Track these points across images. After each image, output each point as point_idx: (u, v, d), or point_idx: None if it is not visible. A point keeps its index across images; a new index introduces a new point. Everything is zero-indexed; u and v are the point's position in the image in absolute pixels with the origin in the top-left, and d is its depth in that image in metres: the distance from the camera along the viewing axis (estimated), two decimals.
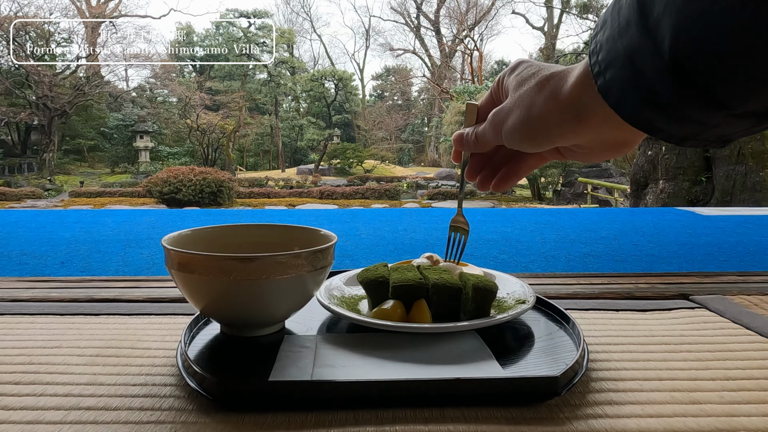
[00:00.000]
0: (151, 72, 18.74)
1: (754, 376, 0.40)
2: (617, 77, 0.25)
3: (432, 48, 24.11)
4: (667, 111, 0.24)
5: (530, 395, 0.36)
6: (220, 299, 0.43)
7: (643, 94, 0.24)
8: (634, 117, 0.26)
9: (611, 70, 0.25)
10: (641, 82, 0.24)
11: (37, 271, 1.93)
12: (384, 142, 23.28)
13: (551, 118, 0.31)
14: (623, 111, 0.26)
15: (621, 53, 0.25)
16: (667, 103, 0.24)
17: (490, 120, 0.36)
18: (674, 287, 0.66)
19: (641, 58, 0.23)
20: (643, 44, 0.23)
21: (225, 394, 0.36)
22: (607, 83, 0.26)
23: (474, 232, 2.83)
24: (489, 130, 0.36)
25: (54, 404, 0.36)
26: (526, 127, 0.33)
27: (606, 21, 0.26)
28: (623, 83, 0.25)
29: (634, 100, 0.25)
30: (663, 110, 0.24)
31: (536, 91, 0.31)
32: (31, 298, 0.62)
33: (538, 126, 0.32)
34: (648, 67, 0.23)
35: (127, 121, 17.91)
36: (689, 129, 0.25)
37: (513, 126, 0.33)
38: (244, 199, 10.23)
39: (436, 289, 0.46)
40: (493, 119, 0.36)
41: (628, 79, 0.25)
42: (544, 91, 0.31)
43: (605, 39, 0.26)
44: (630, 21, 0.24)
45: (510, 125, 0.34)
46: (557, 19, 21.32)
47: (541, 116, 0.31)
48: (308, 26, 26.92)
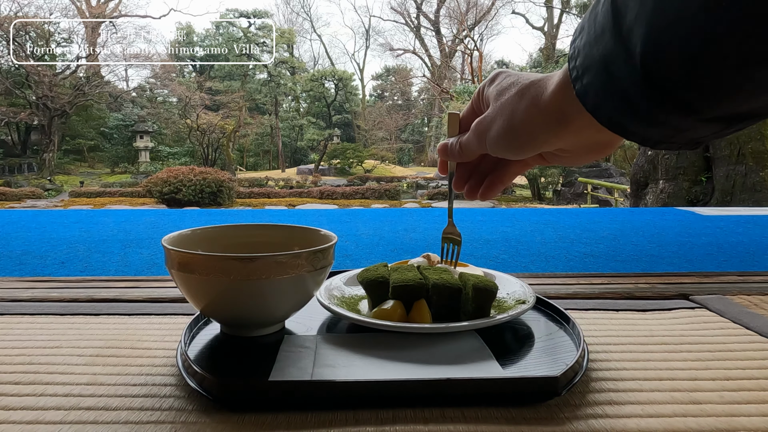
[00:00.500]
0: (151, 72, 18.74)
1: (754, 376, 0.40)
2: (593, 82, 0.26)
3: (432, 48, 24.12)
4: (640, 115, 0.25)
5: (530, 395, 0.36)
6: (220, 299, 0.43)
7: (617, 100, 0.25)
8: (610, 121, 0.26)
9: (588, 76, 0.26)
10: (616, 87, 0.25)
11: (37, 271, 1.93)
12: (384, 142, 23.28)
13: (534, 124, 0.32)
14: (600, 115, 0.27)
15: (597, 59, 0.25)
16: (640, 108, 0.24)
17: (473, 129, 0.37)
18: (674, 287, 0.66)
19: (615, 64, 0.24)
20: (617, 52, 0.24)
21: (225, 394, 0.36)
22: (584, 88, 0.27)
23: (474, 232, 2.82)
24: (473, 139, 0.37)
25: (54, 404, 0.36)
26: (509, 134, 0.33)
27: (584, 27, 0.27)
28: (599, 88, 0.26)
29: (609, 105, 0.26)
30: (636, 115, 0.25)
31: (517, 99, 0.32)
32: (31, 298, 0.62)
33: (521, 133, 0.33)
34: (621, 74, 0.24)
35: (127, 121, 17.92)
36: (662, 133, 0.25)
37: (497, 134, 0.34)
38: (244, 199, 10.23)
39: (436, 289, 0.46)
40: (476, 128, 0.36)
41: (604, 85, 0.25)
42: (524, 99, 0.32)
43: (582, 45, 0.27)
44: (605, 28, 0.24)
45: (494, 133, 0.34)
46: (557, 19, 21.34)
47: (524, 123, 0.32)
48: (308, 26, 26.93)
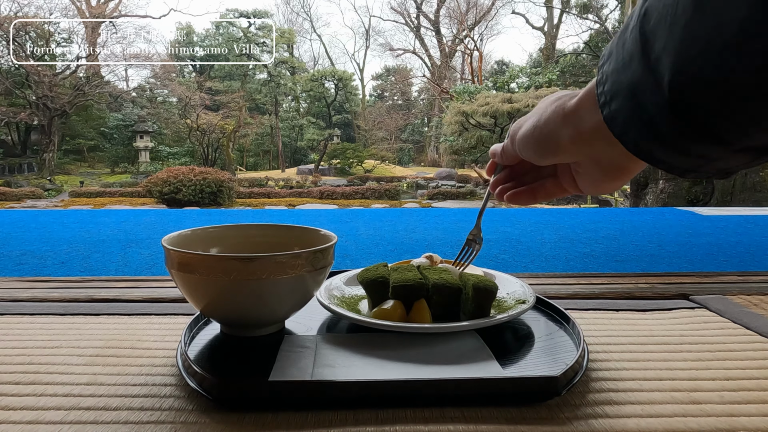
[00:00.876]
0: (151, 72, 18.74)
1: (754, 376, 0.40)
2: (621, 109, 0.26)
3: (432, 48, 24.12)
4: (668, 144, 0.25)
5: (530, 395, 0.36)
6: (220, 299, 0.43)
7: (645, 127, 0.25)
8: (637, 147, 0.26)
9: (615, 102, 0.26)
10: (643, 115, 0.25)
11: (37, 271, 1.93)
12: (384, 142, 23.28)
13: (554, 124, 0.32)
14: (627, 141, 0.27)
15: (624, 86, 0.25)
16: (668, 137, 0.24)
17: (510, 131, 0.39)
18: (674, 287, 0.66)
19: (643, 92, 0.24)
20: (645, 79, 0.24)
21: (225, 394, 0.36)
22: (612, 114, 0.27)
23: None
24: (508, 140, 0.39)
25: (54, 404, 0.36)
26: (533, 133, 0.35)
27: (612, 53, 0.27)
28: (626, 115, 0.26)
29: (636, 132, 0.26)
30: (664, 143, 0.25)
31: (548, 105, 0.34)
32: (31, 298, 0.62)
33: (542, 132, 0.34)
34: (649, 102, 0.24)
35: (127, 121, 17.91)
36: (690, 162, 0.25)
37: (523, 133, 0.36)
38: (244, 199, 10.23)
39: (436, 289, 0.46)
40: (512, 130, 0.38)
41: (631, 112, 0.25)
42: (553, 104, 0.33)
43: (611, 71, 0.27)
44: (633, 56, 0.24)
45: (522, 132, 0.36)
46: (557, 19, 21.33)
47: (547, 123, 0.33)
48: (308, 26, 26.93)
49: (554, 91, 0.41)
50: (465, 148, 10.69)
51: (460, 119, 10.45)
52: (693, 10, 0.21)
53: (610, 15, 20.06)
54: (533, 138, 0.35)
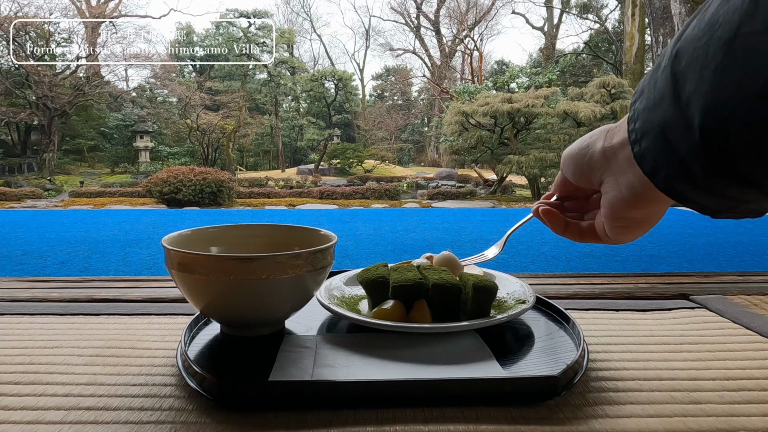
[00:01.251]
0: (151, 72, 18.73)
1: (754, 376, 0.40)
2: (651, 148, 0.26)
3: (432, 48, 24.11)
4: (699, 185, 0.25)
5: (530, 395, 0.36)
6: (220, 299, 0.43)
7: (675, 167, 0.25)
8: (668, 186, 0.26)
9: (646, 140, 0.26)
10: (674, 155, 0.25)
11: (37, 271, 1.93)
12: (384, 142, 23.27)
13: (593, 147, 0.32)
14: (658, 180, 0.27)
15: (655, 125, 0.25)
16: (698, 178, 0.24)
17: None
18: (674, 287, 0.66)
19: (673, 132, 0.24)
20: (676, 120, 0.24)
21: (225, 394, 0.36)
22: (642, 152, 0.27)
23: (474, 232, 2.82)
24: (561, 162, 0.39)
25: (54, 404, 0.36)
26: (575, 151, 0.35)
27: (643, 90, 0.27)
28: (657, 154, 0.26)
29: (667, 172, 0.26)
30: (694, 183, 0.25)
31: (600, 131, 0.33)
32: (31, 298, 0.62)
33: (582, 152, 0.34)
34: (680, 142, 0.24)
35: (127, 121, 17.90)
36: (722, 203, 0.25)
37: (569, 147, 0.36)
38: (244, 199, 10.23)
39: (436, 289, 0.46)
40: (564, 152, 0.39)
41: (662, 151, 0.25)
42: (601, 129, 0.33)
43: (642, 108, 0.27)
44: (664, 95, 0.24)
45: (568, 148, 0.36)
46: (557, 19, 21.33)
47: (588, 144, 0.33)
48: (308, 26, 26.93)
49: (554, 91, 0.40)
50: (465, 148, 10.68)
51: (460, 119, 10.44)
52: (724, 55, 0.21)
53: (610, 15, 20.07)
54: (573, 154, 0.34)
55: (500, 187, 11.20)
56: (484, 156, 10.90)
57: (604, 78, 10.46)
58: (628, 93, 10.01)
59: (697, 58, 0.22)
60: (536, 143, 10.29)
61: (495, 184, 11.36)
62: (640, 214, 0.31)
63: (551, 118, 10.18)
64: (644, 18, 10.39)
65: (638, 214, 0.32)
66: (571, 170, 0.35)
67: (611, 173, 0.31)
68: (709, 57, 0.22)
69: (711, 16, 0.22)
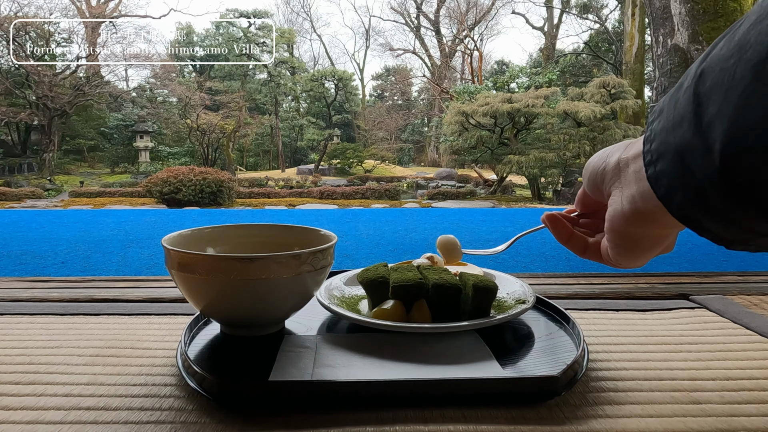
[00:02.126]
0: (151, 72, 18.74)
1: (754, 376, 0.40)
2: (667, 171, 0.25)
3: (432, 48, 24.11)
4: (715, 213, 0.24)
5: (530, 395, 0.36)
6: (220, 299, 0.43)
7: (691, 193, 0.24)
8: (682, 213, 0.25)
9: (661, 163, 0.25)
10: (690, 181, 0.23)
11: (37, 271, 1.93)
12: (384, 142, 23.26)
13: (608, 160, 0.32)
14: (671, 205, 0.25)
15: (672, 148, 0.24)
16: (715, 206, 0.23)
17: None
18: (674, 287, 0.66)
19: (692, 157, 0.23)
20: (695, 144, 0.23)
21: (225, 394, 0.36)
22: (656, 174, 0.26)
23: (474, 232, 2.82)
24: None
25: (54, 404, 0.36)
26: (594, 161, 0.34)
27: (662, 110, 0.26)
28: (672, 178, 0.25)
29: (682, 197, 0.24)
30: (710, 211, 0.24)
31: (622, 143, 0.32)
32: (31, 298, 0.62)
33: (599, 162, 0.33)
34: (698, 168, 0.23)
35: (127, 121, 17.90)
36: (738, 234, 0.24)
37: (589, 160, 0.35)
38: (244, 199, 10.23)
39: (436, 289, 0.46)
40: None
41: (678, 176, 0.24)
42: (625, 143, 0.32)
43: (659, 129, 0.25)
44: (684, 117, 0.23)
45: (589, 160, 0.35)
46: (557, 19, 21.33)
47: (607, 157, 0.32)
48: (308, 26, 26.92)
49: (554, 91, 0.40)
50: (465, 148, 10.69)
51: (460, 119, 10.44)
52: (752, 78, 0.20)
53: (610, 15, 20.07)
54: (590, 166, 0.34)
55: (500, 187, 11.20)
56: (484, 156, 10.90)
57: (604, 78, 10.47)
58: (628, 93, 10.02)
59: (723, 79, 0.21)
60: (536, 143, 10.30)
61: (495, 184, 11.36)
62: (637, 232, 0.30)
63: (551, 118, 10.19)
64: (644, 18, 10.40)
65: (636, 233, 0.30)
66: (586, 179, 0.35)
67: (618, 185, 0.30)
68: (737, 79, 0.21)
69: (741, 36, 0.21)
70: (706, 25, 5.92)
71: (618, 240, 0.32)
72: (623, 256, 0.32)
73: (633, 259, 0.33)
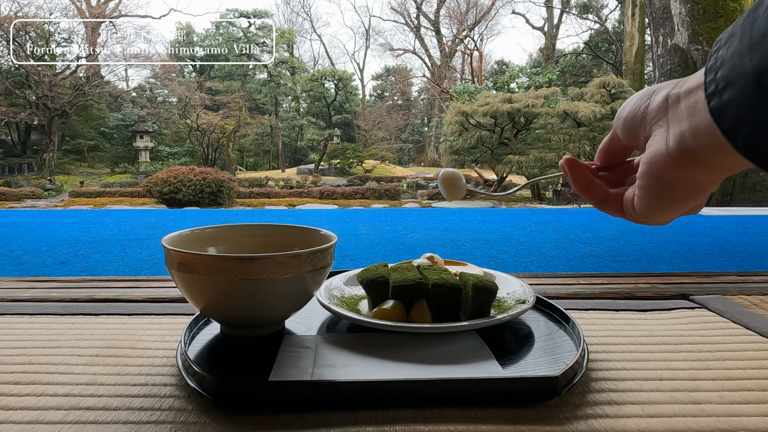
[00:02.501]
0: (151, 72, 18.74)
1: (754, 376, 0.40)
2: (736, 100, 0.22)
3: (432, 48, 24.12)
4: None
5: (530, 395, 0.36)
6: (220, 299, 0.43)
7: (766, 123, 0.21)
8: (751, 146, 0.22)
9: (731, 90, 0.22)
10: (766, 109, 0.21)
11: (37, 271, 1.93)
12: (384, 142, 23.26)
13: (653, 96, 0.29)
14: (738, 138, 0.22)
15: (748, 71, 0.21)
16: None
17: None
18: (674, 287, 0.66)
19: None
20: None
21: (225, 394, 0.36)
22: (723, 104, 0.23)
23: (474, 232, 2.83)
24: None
25: (54, 404, 0.36)
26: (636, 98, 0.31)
27: (734, 34, 0.23)
28: (744, 108, 0.22)
29: (753, 129, 0.22)
30: None
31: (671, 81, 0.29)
32: (31, 298, 0.62)
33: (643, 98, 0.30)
34: None
35: (127, 121, 17.91)
36: None
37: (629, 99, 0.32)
38: (244, 199, 10.23)
39: (436, 289, 0.46)
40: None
41: (751, 103, 0.21)
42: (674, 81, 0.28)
43: (729, 54, 0.22)
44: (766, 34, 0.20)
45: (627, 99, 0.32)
46: (557, 19, 21.33)
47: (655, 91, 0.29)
48: (308, 26, 26.93)
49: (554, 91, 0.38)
50: (465, 148, 10.69)
51: (460, 119, 10.45)
52: None
53: (610, 15, 20.07)
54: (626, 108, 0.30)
55: (500, 187, 11.20)
56: (484, 156, 10.90)
57: (604, 78, 10.46)
58: (628, 93, 10.01)
59: None
60: (536, 143, 10.29)
61: (495, 184, 11.36)
62: (678, 177, 0.27)
63: (551, 118, 10.19)
64: (644, 18, 10.40)
65: (675, 177, 0.27)
66: (621, 120, 0.31)
67: (664, 124, 0.27)
68: None
69: None
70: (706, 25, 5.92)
71: (653, 186, 0.28)
72: (654, 206, 0.29)
73: (662, 211, 0.29)
